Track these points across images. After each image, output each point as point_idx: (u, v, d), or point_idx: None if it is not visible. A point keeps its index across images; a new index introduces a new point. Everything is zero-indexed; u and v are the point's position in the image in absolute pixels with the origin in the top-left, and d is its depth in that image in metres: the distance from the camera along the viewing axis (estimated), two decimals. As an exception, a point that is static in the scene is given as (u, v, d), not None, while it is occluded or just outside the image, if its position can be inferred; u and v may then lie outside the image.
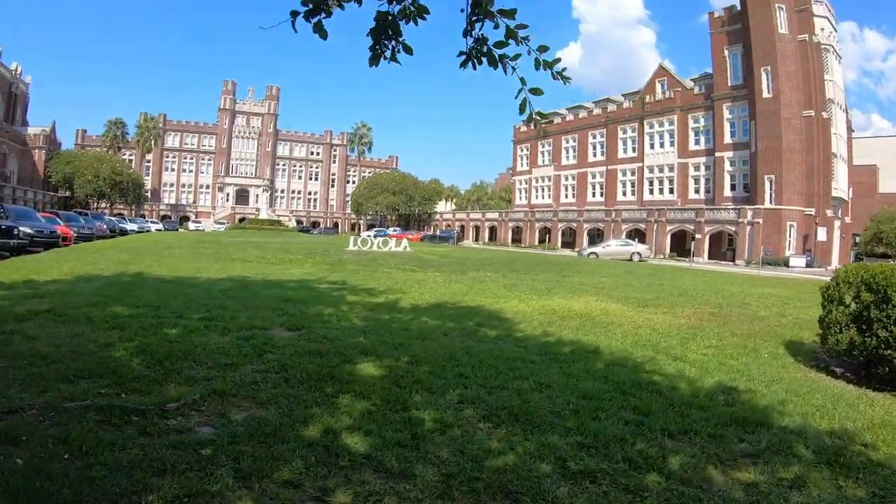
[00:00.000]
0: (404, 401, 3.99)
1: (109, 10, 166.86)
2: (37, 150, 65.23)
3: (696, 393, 4.57)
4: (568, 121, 61.43)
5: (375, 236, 31.20)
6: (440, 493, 2.67)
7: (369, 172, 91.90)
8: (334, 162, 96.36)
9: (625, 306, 9.75)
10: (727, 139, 47.97)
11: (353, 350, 5.39)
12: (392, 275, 13.99)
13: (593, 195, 58.08)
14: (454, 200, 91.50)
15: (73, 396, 3.88)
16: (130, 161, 79.93)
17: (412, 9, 2.55)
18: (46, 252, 17.77)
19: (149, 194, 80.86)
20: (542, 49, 2.53)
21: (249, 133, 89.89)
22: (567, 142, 61.01)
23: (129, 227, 47.73)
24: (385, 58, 2.67)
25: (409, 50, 2.66)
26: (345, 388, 4.24)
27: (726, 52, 47.89)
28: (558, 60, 2.56)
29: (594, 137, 58.50)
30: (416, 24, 2.59)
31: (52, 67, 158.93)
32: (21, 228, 17.49)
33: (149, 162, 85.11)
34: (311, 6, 2.47)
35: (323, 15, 2.49)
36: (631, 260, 35.99)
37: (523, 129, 64.13)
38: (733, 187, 47.84)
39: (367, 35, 2.59)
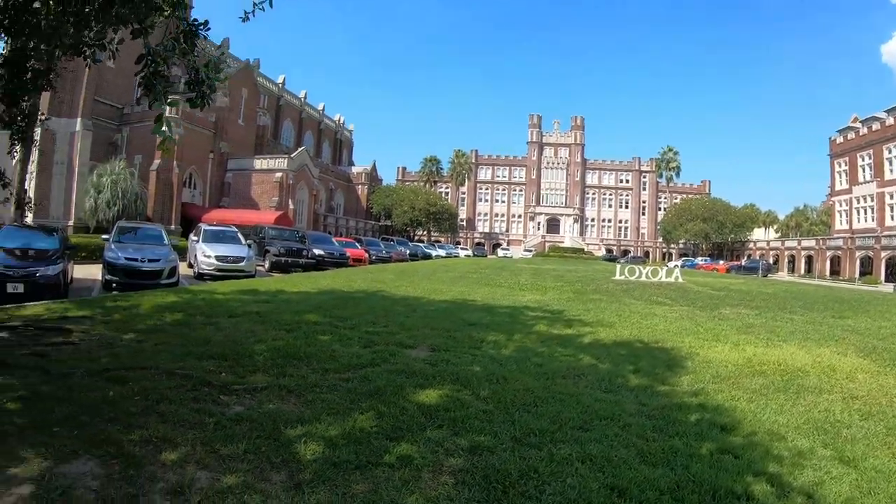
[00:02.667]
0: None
1: (419, 59, 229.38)
2: (360, 186, 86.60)
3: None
4: (888, 125, 58.78)
5: (682, 266, 30.72)
6: None
7: (679, 199, 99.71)
8: (644, 189, 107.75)
9: (873, 363, 8.47)
10: None
11: (447, 379, 6.25)
12: (628, 307, 14.97)
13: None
14: (774, 227, 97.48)
15: (188, 367, 6.09)
16: (446, 194, 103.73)
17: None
18: (331, 270, 24.08)
19: (464, 223, 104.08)
20: None
21: (557, 164, 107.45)
22: (890, 151, 58.33)
23: (436, 252, 58.37)
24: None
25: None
26: (409, 412, 5.24)
27: None
28: None
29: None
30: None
31: (373, 115, 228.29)
32: (313, 250, 24.30)
33: (463, 194, 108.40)
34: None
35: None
36: None
37: (840, 139, 65.68)
38: None
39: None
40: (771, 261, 69.64)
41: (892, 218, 57.60)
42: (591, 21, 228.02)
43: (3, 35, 6.45)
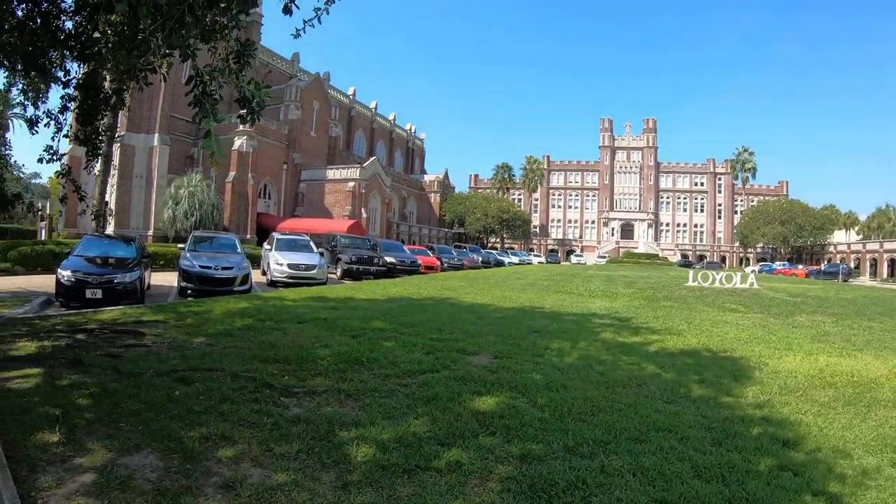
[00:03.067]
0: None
1: (488, 66, 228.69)
2: (432, 194, 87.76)
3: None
4: None
5: (759, 271, 29.61)
6: None
7: (756, 201, 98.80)
8: (719, 192, 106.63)
9: None
10: None
11: (505, 386, 6.25)
12: (699, 314, 14.70)
13: None
14: (854, 229, 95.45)
15: (252, 370, 6.40)
16: (519, 200, 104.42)
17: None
18: (402, 277, 24.54)
19: (537, 230, 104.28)
20: None
21: (630, 168, 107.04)
22: None
23: (509, 259, 58.30)
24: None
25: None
26: (453, 415, 5.34)
27: None
28: None
29: None
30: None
31: (444, 123, 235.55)
32: (384, 258, 24.87)
33: (536, 200, 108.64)
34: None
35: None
36: None
37: None
38: None
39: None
40: (852, 265, 68.06)
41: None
42: (660, 11, 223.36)
43: (74, 61, 7.11)
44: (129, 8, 4.30)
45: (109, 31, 5.87)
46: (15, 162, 73.58)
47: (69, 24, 6.88)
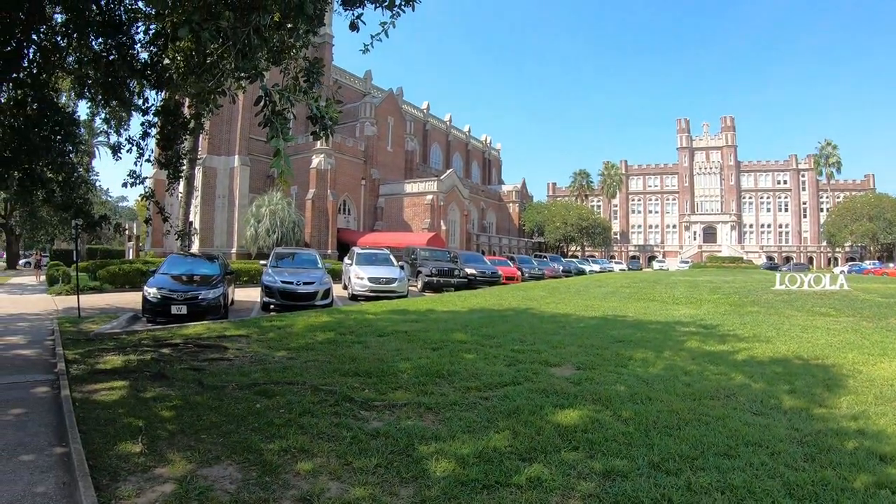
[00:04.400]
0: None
1: (559, 73, 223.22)
2: (511, 204, 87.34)
3: None
4: None
5: (848, 271, 27.90)
6: None
7: (842, 197, 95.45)
8: (803, 189, 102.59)
9: None
10: None
11: (588, 399, 6.04)
12: (787, 320, 14.07)
13: None
14: None
15: (333, 383, 6.46)
16: (598, 207, 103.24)
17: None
18: (483, 289, 24.49)
19: (617, 236, 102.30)
20: None
21: (710, 168, 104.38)
22: None
23: (590, 267, 57.12)
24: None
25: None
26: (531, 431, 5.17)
27: None
28: None
29: None
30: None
31: (520, 133, 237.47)
32: (465, 270, 24.97)
33: (615, 206, 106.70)
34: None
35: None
36: None
37: None
38: None
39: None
40: None
41: None
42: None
43: (152, 89, 7.50)
44: (192, 34, 4.44)
45: (179, 58, 6.12)
46: (100, 186, 79.28)
47: (144, 55, 7.27)
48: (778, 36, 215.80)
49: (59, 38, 7.17)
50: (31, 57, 7.13)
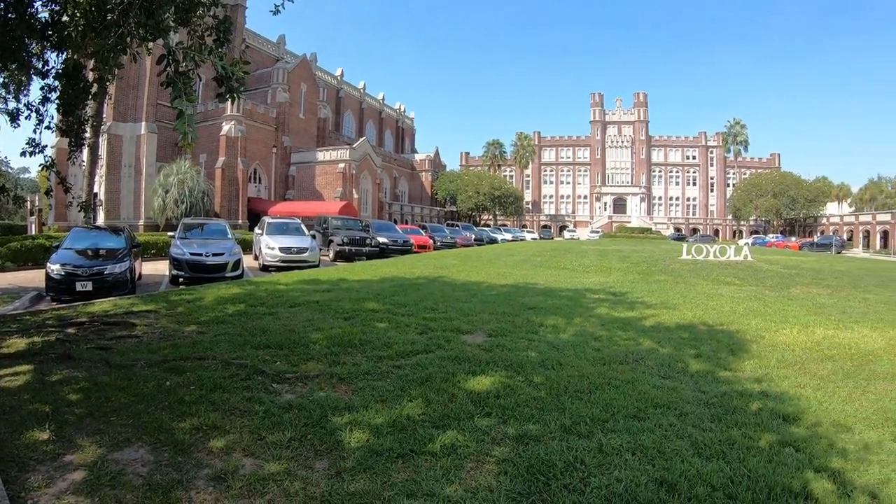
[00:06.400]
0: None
1: (475, 42, 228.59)
2: (424, 173, 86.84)
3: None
4: None
5: (753, 244, 30.01)
6: None
7: (748, 174, 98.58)
8: (711, 165, 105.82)
9: None
10: None
11: (500, 365, 6.24)
12: (693, 288, 14.78)
13: None
14: (847, 201, 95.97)
15: (244, 357, 6.32)
16: (511, 177, 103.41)
17: None
18: (395, 257, 24.54)
19: (530, 206, 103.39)
20: None
21: (622, 142, 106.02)
22: None
23: (502, 236, 58.07)
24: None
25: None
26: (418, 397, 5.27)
27: None
28: None
29: None
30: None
31: (434, 101, 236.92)
32: (377, 239, 24.82)
33: (528, 176, 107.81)
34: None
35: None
36: None
37: None
38: None
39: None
40: (845, 237, 68.24)
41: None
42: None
43: (53, 50, 6.91)
44: None
45: (78, 14, 5.66)
46: (-1, 157, 72.61)
47: (45, 15, 6.67)
48: (695, 17, 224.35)
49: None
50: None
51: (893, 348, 7.67)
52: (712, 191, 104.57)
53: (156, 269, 18.82)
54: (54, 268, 11.82)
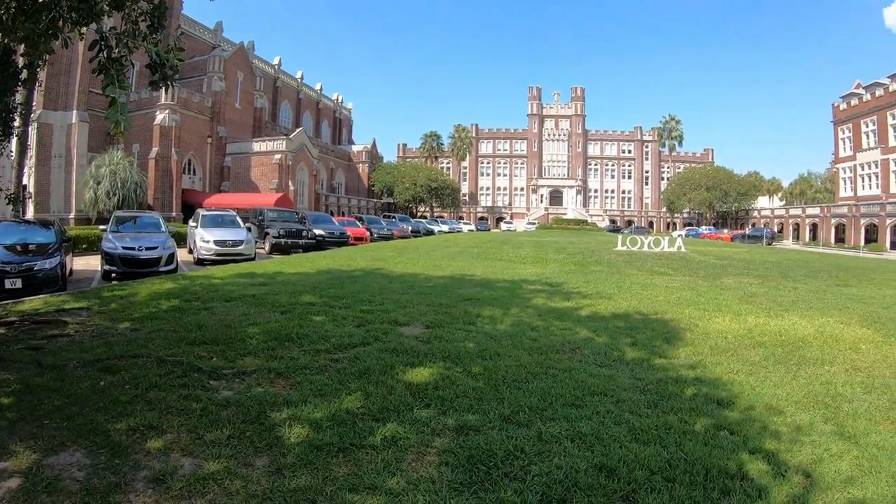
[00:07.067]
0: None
1: (415, 34, 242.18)
2: (360, 164, 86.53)
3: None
4: (892, 91, 57.98)
5: (686, 235, 31.24)
6: None
7: (683, 168, 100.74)
8: (646, 159, 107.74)
9: (877, 333, 8.39)
10: None
11: (438, 357, 6.36)
12: (628, 278, 15.17)
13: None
14: (778, 195, 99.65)
15: (180, 353, 6.22)
16: (447, 169, 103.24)
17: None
18: (332, 250, 24.29)
19: (466, 198, 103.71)
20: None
21: (559, 135, 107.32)
22: (894, 117, 57.95)
23: (439, 228, 58.38)
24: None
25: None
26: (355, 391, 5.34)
27: None
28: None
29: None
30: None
31: (372, 93, 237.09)
32: (313, 231, 24.56)
33: (465, 168, 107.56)
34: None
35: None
36: None
37: (843, 106, 65.61)
38: None
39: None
40: (775, 229, 69.96)
41: (897, 185, 56.90)
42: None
43: None
44: None
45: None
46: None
47: None
48: (632, 12, 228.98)
49: None
50: None
51: (822, 335, 8.07)
52: (647, 184, 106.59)
53: (87, 264, 17.98)
54: (-19, 265, 11.13)
